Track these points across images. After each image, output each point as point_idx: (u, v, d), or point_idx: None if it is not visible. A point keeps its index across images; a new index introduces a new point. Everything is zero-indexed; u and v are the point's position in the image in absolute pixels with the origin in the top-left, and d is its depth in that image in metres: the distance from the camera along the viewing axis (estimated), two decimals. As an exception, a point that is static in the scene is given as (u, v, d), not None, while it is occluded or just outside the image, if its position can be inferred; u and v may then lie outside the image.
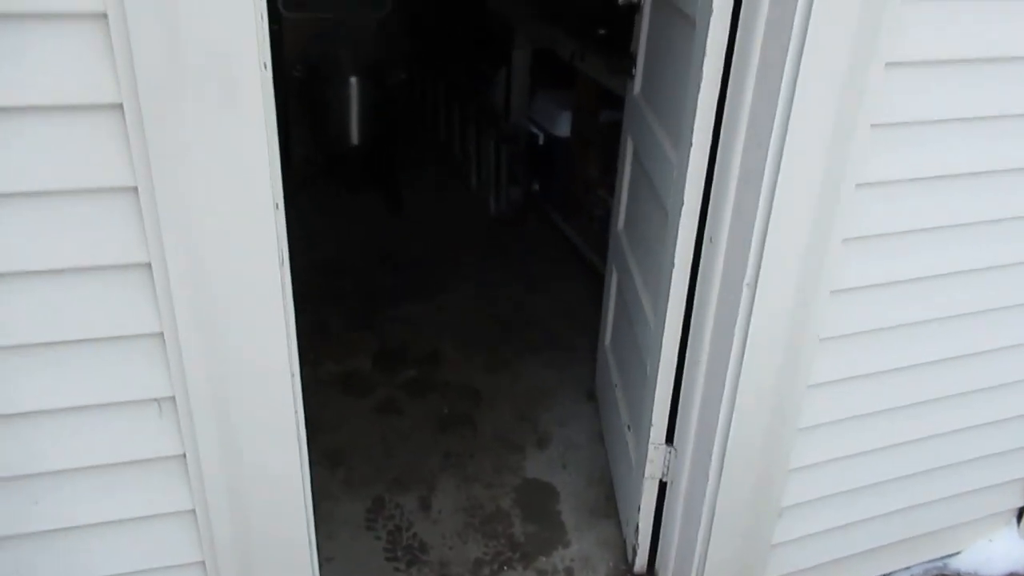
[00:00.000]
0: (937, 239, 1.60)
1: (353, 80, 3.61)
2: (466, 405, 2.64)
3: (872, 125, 1.44)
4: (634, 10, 2.18)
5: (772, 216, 1.47)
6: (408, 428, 2.53)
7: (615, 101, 2.86)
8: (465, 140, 4.35)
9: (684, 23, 1.69)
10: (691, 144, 1.60)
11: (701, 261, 1.67)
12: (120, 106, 1.11)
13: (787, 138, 1.40)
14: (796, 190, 1.45)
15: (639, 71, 2.18)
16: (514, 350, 2.94)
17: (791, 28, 1.34)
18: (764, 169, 1.45)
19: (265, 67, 1.19)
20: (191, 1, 1.07)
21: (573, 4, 3.56)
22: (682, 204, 1.65)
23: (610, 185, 3.14)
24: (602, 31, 3.15)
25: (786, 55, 1.35)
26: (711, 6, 1.49)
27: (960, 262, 1.65)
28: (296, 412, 1.40)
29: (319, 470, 2.32)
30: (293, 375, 1.39)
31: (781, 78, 1.37)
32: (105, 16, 1.05)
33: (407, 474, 2.34)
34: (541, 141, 3.43)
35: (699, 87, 1.55)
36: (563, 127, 3.32)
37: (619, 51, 2.74)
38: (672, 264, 1.70)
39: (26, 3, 1.03)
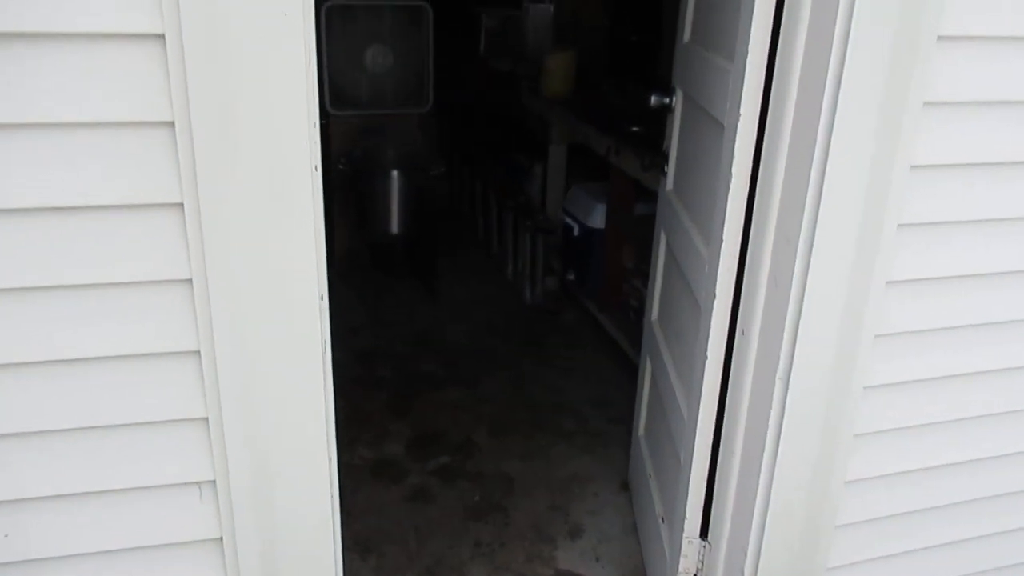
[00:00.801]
0: (969, 337, 1.61)
1: (395, 173, 3.75)
2: (498, 493, 2.64)
3: (899, 225, 1.48)
4: (666, 110, 2.27)
5: (803, 311, 1.49)
6: (440, 516, 2.52)
7: (648, 195, 2.95)
8: (502, 231, 4.45)
9: (713, 126, 1.76)
10: (722, 240, 1.65)
11: (733, 354, 1.70)
12: (181, 205, 1.19)
13: (815, 238, 1.44)
14: (825, 286, 1.48)
15: (671, 168, 2.25)
16: (549, 438, 2.95)
17: (815, 136, 1.40)
18: (794, 266, 1.48)
19: (316, 169, 1.27)
20: (249, 111, 1.16)
21: (607, 102, 3.70)
22: (714, 298, 1.69)
23: (644, 276, 3.18)
24: (635, 128, 3.26)
25: (811, 161, 1.41)
26: (738, 112, 1.56)
27: (998, 359, 1.65)
28: (332, 497, 1.43)
29: (350, 556, 2.33)
30: (331, 460, 1.42)
31: (808, 182, 1.43)
32: (172, 124, 1.15)
33: (438, 563, 2.32)
34: (576, 232, 3.51)
35: (728, 188, 1.61)
36: (598, 219, 3.40)
37: (652, 148, 2.84)
38: (705, 356, 1.73)
39: (103, 112, 1.13)
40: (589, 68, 4.11)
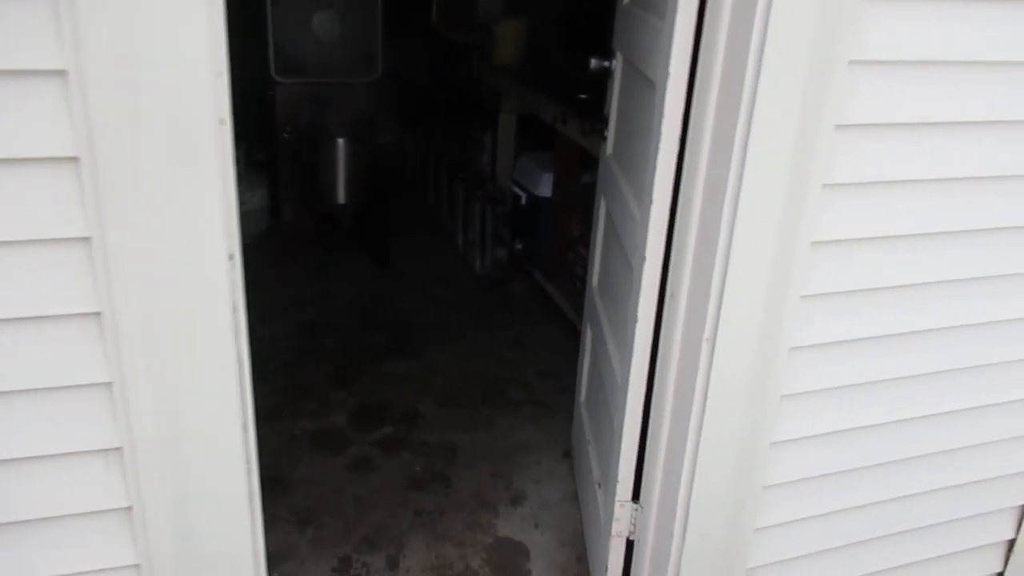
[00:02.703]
0: (897, 298, 1.62)
1: (341, 142, 3.68)
2: (441, 463, 2.62)
3: (824, 185, 1.47)
4: (607, 75, 2.24)
5: (729, 272, 1.48)
6: (380, 486, 2.50)
7: (595, 163, 2.92)
8: (453, 202, 4.40)
9: (647, 86, 1.74)
10: (651, 201, 1.63)
11: (664, 316, 1.68)
12: (76, 159, 1.13)
13: (741, 196, 1.43)
14: (752, 247, 1.47)
15: (611, 133, 2.23)
16: (495, 409, 2.93)
17: (741, 93, 1.37)
18: (720, 227, 1.47)
19: (223, 123, 1.22)
20: (151, 61, 1.10)
21: (556, 71, 3.66)
22: (644, 260, 1.67)
23: (590, 244, 3.17)
24: (583, 96, 3.23)
25: (737, 119, 1.39)
26: (668, 69, 1.54)
27: (920, 320, 1.66)
28: (248, 462, 1.40)
29: (287, 528, 2.30)
30: (246, 426, 1.38)
31: (734, 141, 1.41)
32: (65, 73, 1.09)
33: (377, 533, 2.30)
34: (524, 202, 3.48)
35: (658, 147, 1.59)
36: (545, 188, 3.37)
37: (597, 114, 2.81)
38: (636, 318, 1.71)
39: (-15, 58, 1.07)
40: (540, 37, 4.06)
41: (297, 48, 3.99)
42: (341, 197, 3.74)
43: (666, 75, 1.55)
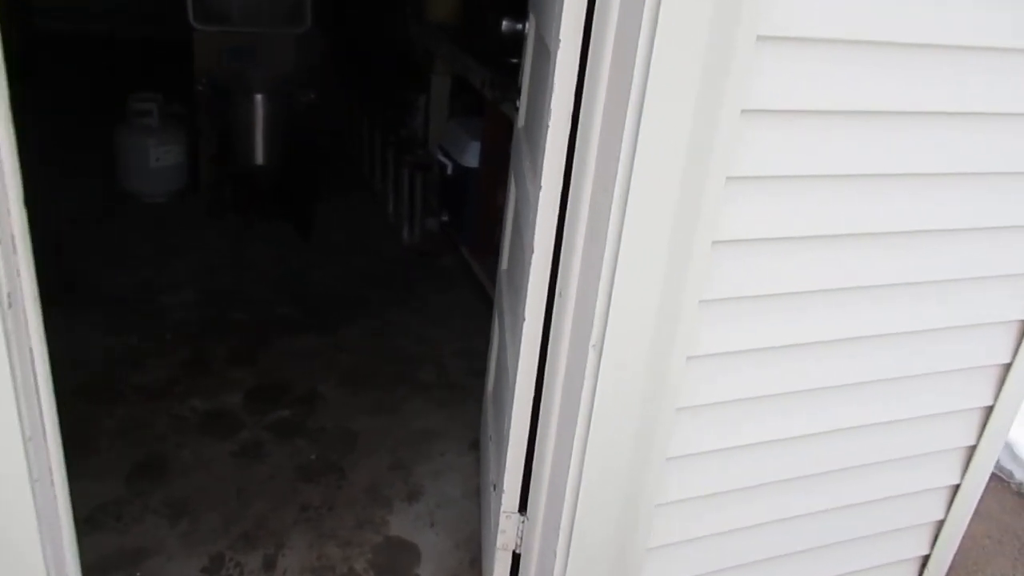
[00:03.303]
0: (805, 303, 1.46)
1: (259, 97, 3.43)
2: (338, 452, 2.44)
3: (728, 177, 1.30)
4: (521, 38, 2.04)
5: (619, 271, 1.31)
6: (269, 475, 2.32)
7: (520, 133, 2.73)
8: (385, 167, 4.18)
9: (546, 54, 1.55)
10: (541, 187, 1.45)
11: (553, 316, 1.51)
12: None
13: (632, 185, 1.25)
14: (645, 243, 1.30)
15: (523, 104, 2.03)
16: (404, 391, 2.76)
17: (634, 63, 1.19)
18: (609, 218, 1.30)
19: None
20: None
21: (490, 31, 3.43)
22: (532, 251, 1.50)
23: (514, 221, 2.97)
24: (515, 60, 3.02)
25: (629, 97, 1.21)
26: (559, 36, 1.35)
27: (830, 329, 1.51)
28: (36, 484, 1.21)
29: (158, 521, 2.11)
30: (31, 441, 1.19)
31: (625, 120, 1.23)
32: None
33: (257, 528, 2.13)
34: (450, 171, 3.28)
35: (548, 125, 1.40)
36: (471, 158, 3.16)
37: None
38: (523, 316, 1.54)
39: None
40: (478, -6, 3.83)
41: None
42: (259, 158, 3.50)
43: (558, 42, 1.36)
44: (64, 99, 5.20)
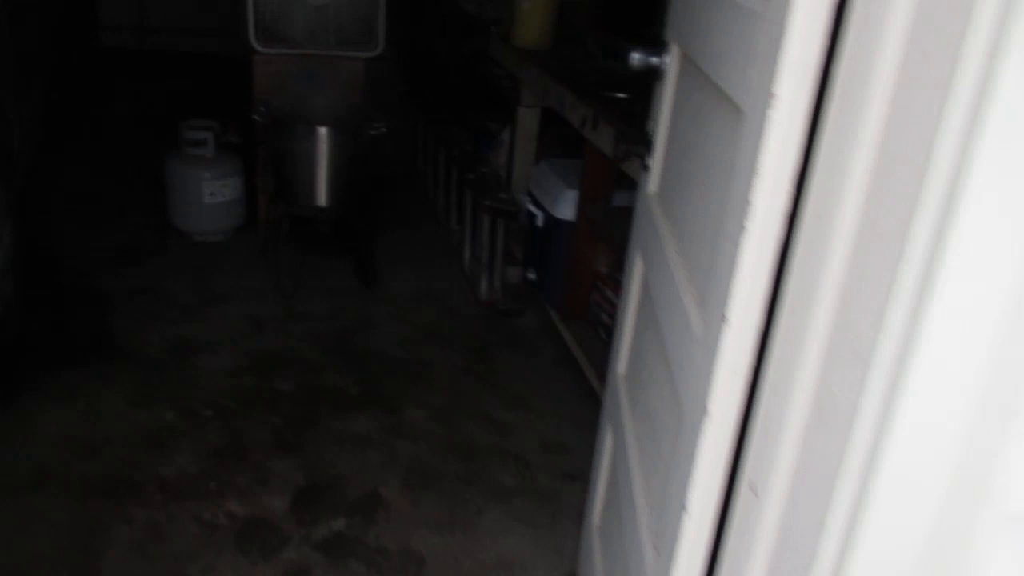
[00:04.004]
0: None
1: (323, 131, 3.00)
2: (399, 585, 1.96)
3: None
4: (654, 76, 1.54)
5: (876, 480, 0.78)
6: (312, 619, 1.85)
7: (631, 182, 2.23)
8: (461, 208, 3.72)
9: (726, 109, 1.04)
10: (724, 319, 0.93)
11: (734, 514, 0.99)
12: None
13: (914, 356, 0.73)
14: (924, 443, 0.77)
15: (656, 161, 1.52)
16: (480, 498, 2.26)
17: (935, 152, 0.67)
18: (864, 396, 0.77)
19: None
20: None
21: (590, 60, 2.94)
22: (704, 413, 0.98)
23: (620, 286, 2.47)
24: (621, 95, 2.52)
25: (925, 201, 0.69)
26: (771, 89, 0.83)
27: None
28: None
29: None
30: None
31: (910, 244, 0.70)
32: None
33: None
34: (540, 222, 2.78)
35: (742, 228, 0.89)
36: (566, 208, 2.66)
37: (638, 123, 2.12)
38: (682, 507, 1.02)
39: None
40: (574, 16, 3.34)
41: (282, 13, 3.31)
42: (320, 198, 3.07)
43: (766, 98, 0.85)
44: (123, 120, 4.90)
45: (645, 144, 1.55)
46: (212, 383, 2.63)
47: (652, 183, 1.53)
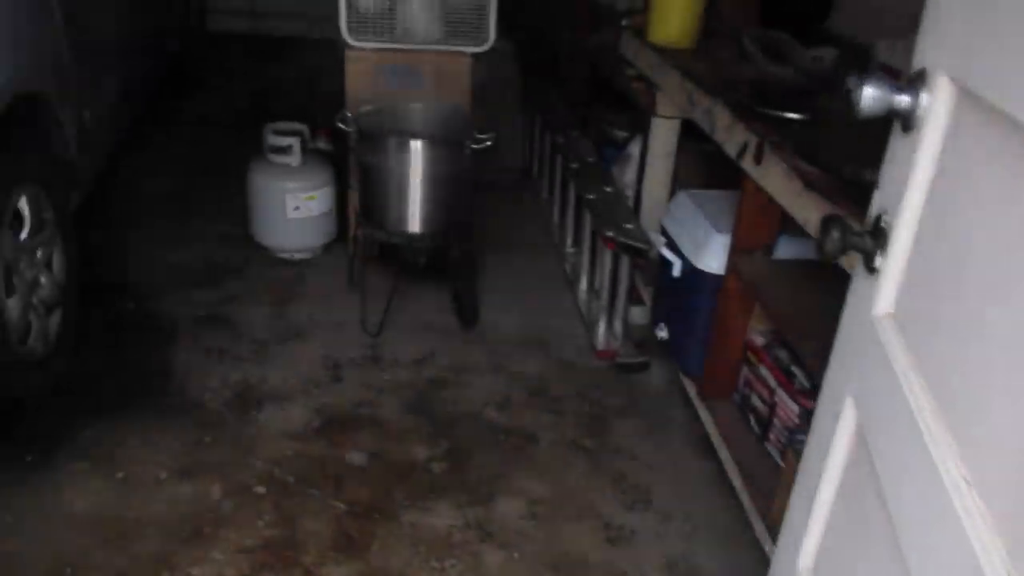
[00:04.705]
0: None
1: (417, 145, 2.52)
2: None
3: None
4: (891, 122, 0.95)
5: None
6: None
7: (799, 225, 1.64)
8: (578, 229, 3.18)
9: None
10: None
11: None
12: None
13: None
14: None
15: (895, 264, 0.94)
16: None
17: None
18: None
19: None
20: None
21: (749, 64, 2.34)
22: None
23: (783, 370, 1.89)
24: (799, 115, 1.91)
25: None
26: None
27: None
28: None
29: None
30: None
31: None
32: None
33: None
34: (676, 270, 2.20)
35: None
36: (712, 256, 2.08)
37: (826, 159, 1.54)
38: None
39: None
40: (723, 5, 2.74)
41: (377, 1, 2.84)
42: (412, 224, 2.60)
43: None
44: (218, 112, 4.60)
45: (878, 231, 0.97)
46: (272, 448, 2.21)
47: (885, 297, 0.95)
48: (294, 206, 3.02)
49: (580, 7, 3.62)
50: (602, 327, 2.78)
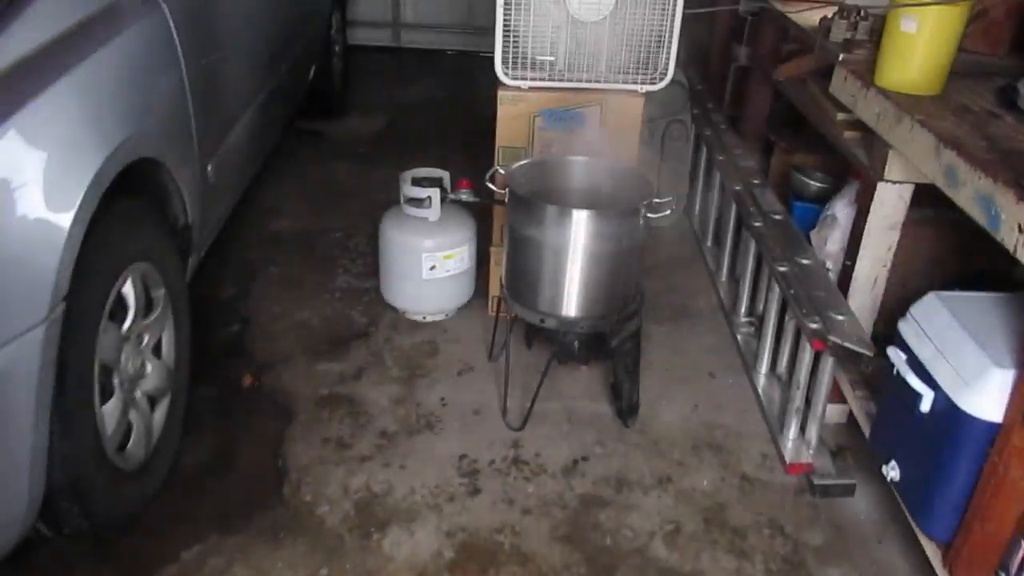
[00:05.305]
0: None
1: (579, 217, 2.07)
2: None
3: None
4: None
5: None
6: None
7: None
8: (756, 297, 2.67)
9: None
10: None
11: None
12: None
13: None
14: None
15: None
16: None
17: None
18: None
19: None
20: None
21: (1012, 111, 1.77)
22: None
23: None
24: None
25: None
26: None
27: None
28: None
29: None
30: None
31: None
32: None
33: None
34: (928, 405, 1.67)
35: None
36: (988, 399, 1.53)
37: None
38: None
39: None
40: (967, 38, 2.17)
41: (541, 31, 2.42)
42: (568, 307, 2.17)
43: None
44: (359, 138, 4.31)
45: None
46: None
47: None
48: (430, 265, 2.64)
49: (767, 29, 3.08)
50: (792, 432, 2.27)
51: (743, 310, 2.81)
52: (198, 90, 2.17)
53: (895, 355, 1.77)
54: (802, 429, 2.27)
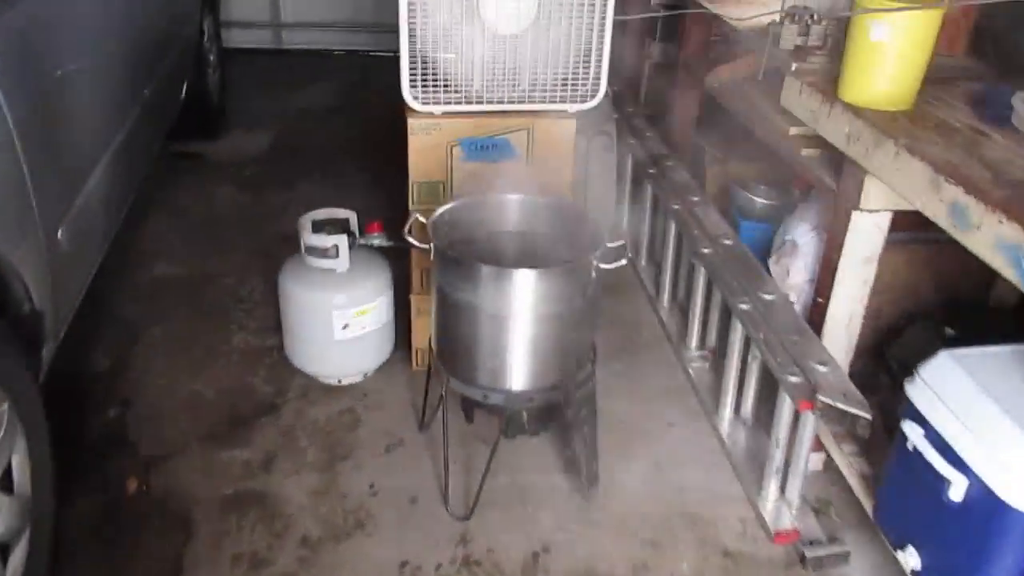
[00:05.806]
0: None
1: (523, 277, 1.74)
2: None
3: None
4: None
5: None
6: None
7: None
8: (728, 349, 2.42)
9: None
10: None
11: None
12: None
13: None
14: None
15: None
16: None
17: None
18: None
19: None
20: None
21: (995, 126, 1.55)
22: None
23: None
24: None
25: None
26: None
27: None
28: None
29: None
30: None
31: None
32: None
33: None
34: (960, 494, 1.42)
35: None
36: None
37: None
38: None
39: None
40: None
41: (452, 48, 2.06)
42: (517, 380, 1.84)
43: None
44: (240, 164, 3.83)
45: None
46: None
47: None
48: (342, 324, 2.26)
49: (692, 28, 2.82)
50: (771, 493, 2.03)
51: (694, 343, 2.55)
52: (32, 142, 1.71)
53: (911, 430, 1.52)
54: (783, 490, 2.03)
